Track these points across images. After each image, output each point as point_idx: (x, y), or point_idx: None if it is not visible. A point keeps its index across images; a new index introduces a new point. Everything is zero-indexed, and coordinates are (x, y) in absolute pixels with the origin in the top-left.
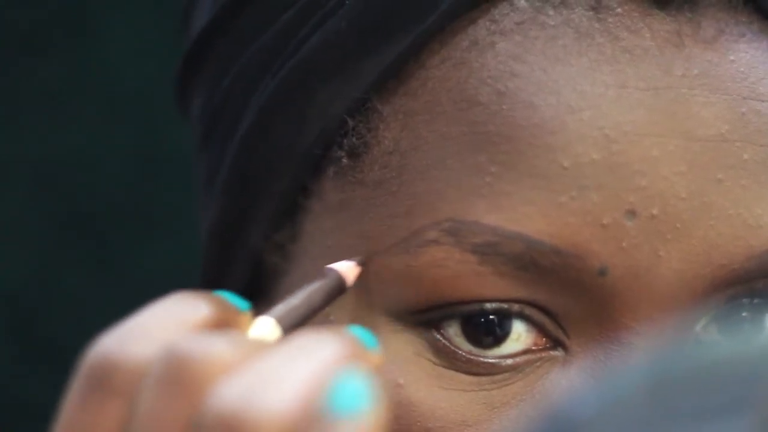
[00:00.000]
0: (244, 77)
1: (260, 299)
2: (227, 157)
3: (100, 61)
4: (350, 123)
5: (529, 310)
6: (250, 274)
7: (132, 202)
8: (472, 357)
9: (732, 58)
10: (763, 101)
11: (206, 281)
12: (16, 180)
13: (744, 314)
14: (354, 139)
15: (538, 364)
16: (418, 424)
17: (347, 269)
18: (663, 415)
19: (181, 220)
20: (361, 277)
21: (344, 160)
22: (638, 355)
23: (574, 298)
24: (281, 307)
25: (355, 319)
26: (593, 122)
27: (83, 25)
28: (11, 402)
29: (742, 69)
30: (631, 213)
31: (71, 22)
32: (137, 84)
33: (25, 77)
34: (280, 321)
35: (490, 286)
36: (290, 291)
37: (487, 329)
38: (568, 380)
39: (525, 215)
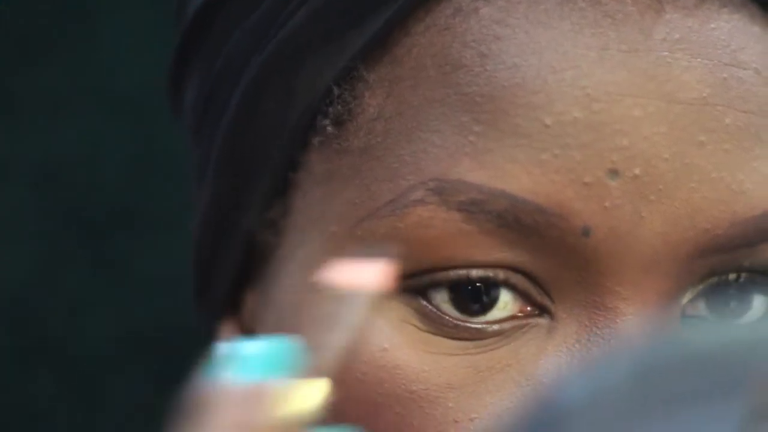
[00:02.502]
0: (233, 59)
1: (254, 279)
2: (218, 139)
3: (100, 62)
4: (336, 91)
5: (514, 278)
6: (244, 256)
7: (132, 202)
8: (458, 323)
9: (713, 26)
10: (744, 69)
11: (199, 269)
12: (16, 180)
13: (731, 292)
14: (339, 107)
15: (524, 330)
16: (403, 387)
17: (371, 276)
18: (652, 401)
19: (181, 220)
20: (347, 244)
21: (329, 129)
22: (627, 341)
23: (558, 261)
24: (321, 355)
25: None
26: (575, 82)
27: (83, 26)
28: (11, 402)
29: (723, 37)
30: (614, 172)
31: (71, 22)
32: (137, 84)
33: (25, 77)
34: (325, 371)
35: (475, 246)
36: (280, 265)
37: (473, 297)
38: (554, 346)
39: (508, 173)
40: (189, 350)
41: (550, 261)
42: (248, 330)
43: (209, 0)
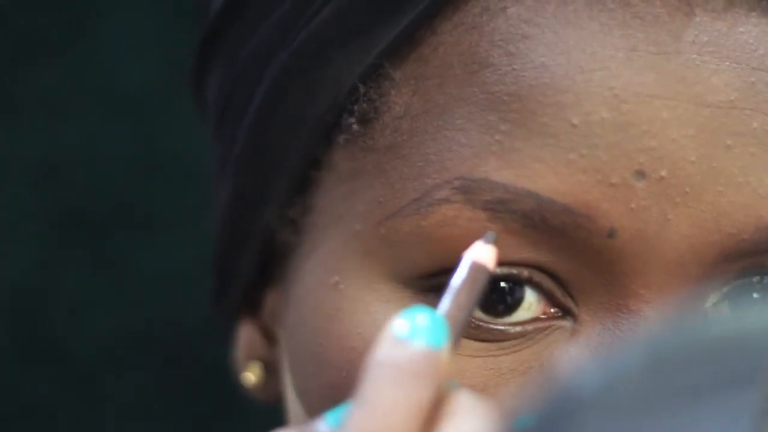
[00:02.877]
0: (256, 57)
1: (274, 278)
2: (241, 134)
3: (100, 62)
4: (362, 89)
5: (538, 277)
6: (263, 255)
7: (132, 202)
8: (481, 324)
9: (741, 29)
10: None
11: (218, 267)
12: (16, 180)
13: (755, 295)
14: (365, 105)
15: (547, 332)
16: None
17: (484, 255)
18: (667, 390)
19: (181, 220)
20: (371, 243)
21: (355, 127)
22: (642, 330)
23: (583, 262)
24: (452, 332)
25: (365, 287)
26: (603, 82)
27: (83, 26)
28: (11, 402)
29: (751, 41)
30: (640, 174)
31: (71, 22)
32: (137, 84)
33: (25, 77)
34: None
35: (500, 245)
36: (300, 263)
37: (499, 297)
38: (577, 348)
39: (535, 172)
40: (189, 350)
41: (575, 262)
42: (268, 329)
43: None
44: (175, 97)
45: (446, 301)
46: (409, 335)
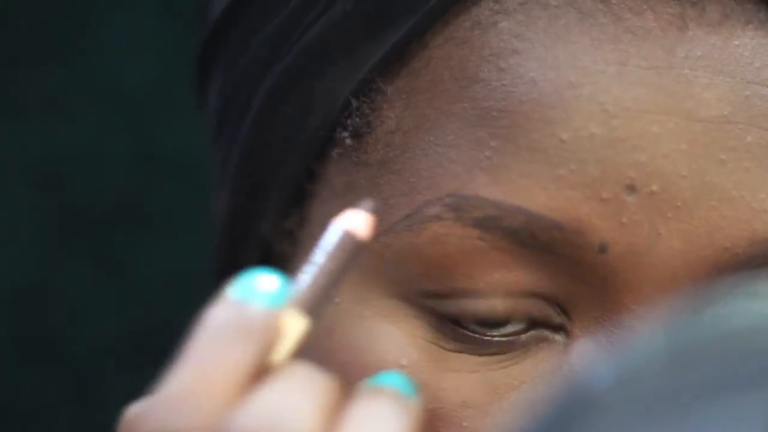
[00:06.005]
0: (256, 63)
1: None
2: (238, 143)
3: (100, 62)
4: (354, 103)
5: (535, 308)
6: (262, 264)
7: (132, 202)
8: (476, 336)
9: (737, 42)
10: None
11: (219, 275)
12: (16, 180)
13: None
14: (358, 120)
15: (540, 346)
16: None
17: (357, 224)
18: (680, 388)
19: (181, 220)
20: (365, 258)
21: (348, 141)
22: (656, 325)
23: (575, 278)
24: (305, 293)
25: (362, 302)
26: (593, 97)
27: (84, 26)
28: (11, 402)
29: (746, 54)
30: (631, 188)
31: (71, 22)
32: (137, 84)
33: (25, 77)
34: (308, 309)
35: (491, 264)
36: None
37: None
38: (570, 366)
39: (524, 189)
40: None
41: (567, 278)
42: None
43: (230, 6)
44: (175, 97)
45: (305, 269)
46: (245, 296)
